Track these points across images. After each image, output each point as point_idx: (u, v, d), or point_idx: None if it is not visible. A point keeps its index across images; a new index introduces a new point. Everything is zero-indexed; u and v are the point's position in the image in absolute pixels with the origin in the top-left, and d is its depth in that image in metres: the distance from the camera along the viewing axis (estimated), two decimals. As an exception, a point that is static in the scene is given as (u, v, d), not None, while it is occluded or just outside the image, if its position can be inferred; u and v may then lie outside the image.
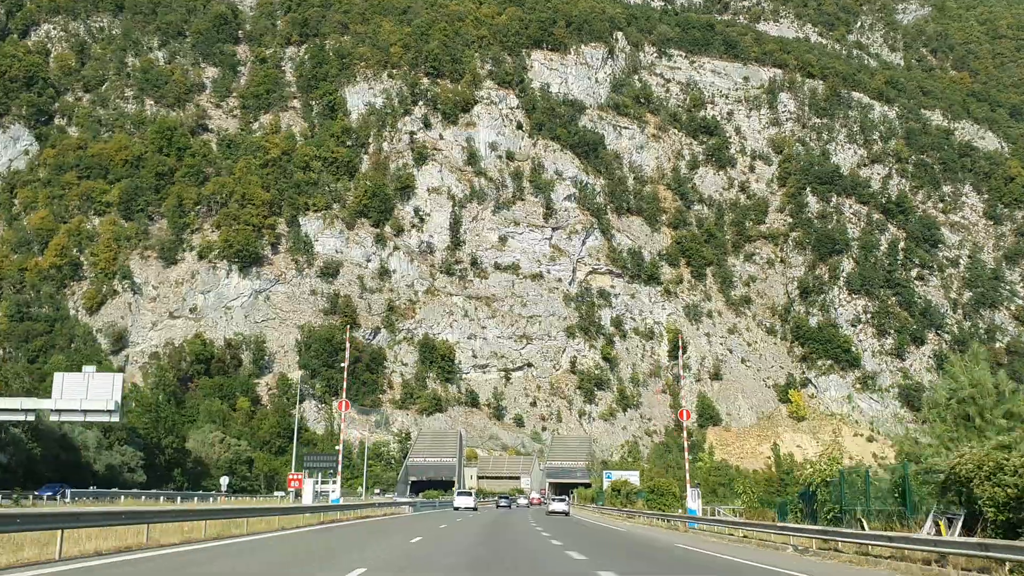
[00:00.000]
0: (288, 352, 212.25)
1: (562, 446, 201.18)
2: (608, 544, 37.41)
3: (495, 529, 48.43)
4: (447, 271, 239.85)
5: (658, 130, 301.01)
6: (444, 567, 24.32)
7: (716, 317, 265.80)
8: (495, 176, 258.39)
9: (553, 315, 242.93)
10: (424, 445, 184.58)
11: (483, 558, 27.84)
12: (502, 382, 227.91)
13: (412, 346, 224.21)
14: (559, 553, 30.41)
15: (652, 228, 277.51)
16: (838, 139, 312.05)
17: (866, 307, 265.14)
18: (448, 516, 66.37)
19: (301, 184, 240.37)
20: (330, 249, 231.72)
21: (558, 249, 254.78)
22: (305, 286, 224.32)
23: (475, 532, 44.51)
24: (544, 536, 41.39)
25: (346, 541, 35.14)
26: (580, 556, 29.00)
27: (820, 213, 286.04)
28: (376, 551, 30.37)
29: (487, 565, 25.52)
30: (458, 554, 29.08)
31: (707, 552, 34.88)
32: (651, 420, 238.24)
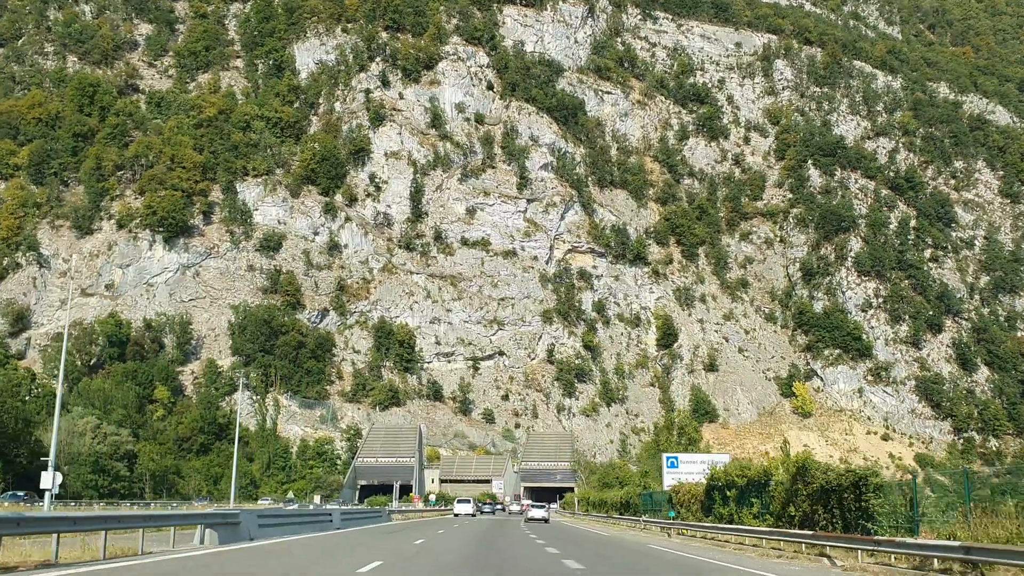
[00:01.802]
0: (219, 336, 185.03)
1: (539, 445, 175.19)
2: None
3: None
4: (407, 246, 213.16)
5: (644, 97, 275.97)
6: None
7: (710, 302, 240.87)
8: (462, 140, 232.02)
9: (528, 297, 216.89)
10: (376, 443, 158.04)
11: None
12: (469, 372, 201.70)
13: (366, 331, 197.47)
14: None
15: (638, 203, 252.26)
16: (840, 110, 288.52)
17: (877, 290, 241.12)
18: (388, 540, 40.03)
19: (239, 146, 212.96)
20: (271, 219, 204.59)
21: (533, 223, 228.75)
22: (241, 261, 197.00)
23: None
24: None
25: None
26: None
27: (823, 188, 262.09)
28: None
29: None
30: None
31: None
32: (638, 416, 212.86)
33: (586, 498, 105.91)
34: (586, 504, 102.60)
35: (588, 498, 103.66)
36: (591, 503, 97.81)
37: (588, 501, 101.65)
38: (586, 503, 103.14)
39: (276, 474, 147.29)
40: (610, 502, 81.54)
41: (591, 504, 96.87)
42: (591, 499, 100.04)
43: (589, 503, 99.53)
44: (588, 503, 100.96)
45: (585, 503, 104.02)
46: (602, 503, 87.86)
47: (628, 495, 74.68)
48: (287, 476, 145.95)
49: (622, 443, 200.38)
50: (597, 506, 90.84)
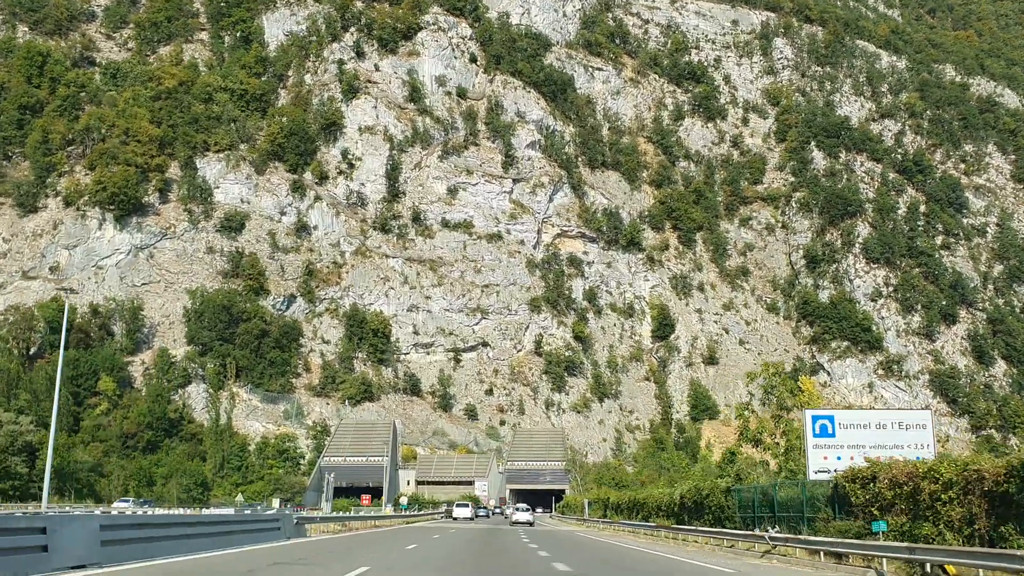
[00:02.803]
0: (174, 323, 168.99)
1: (527, 443, 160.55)
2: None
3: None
4: (382, 227, 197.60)
5: (636, 74, 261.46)
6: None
7: (708, 290, 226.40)
8: (443, 116, 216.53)
9: (514, 284, 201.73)
10: (345, 440, 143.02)
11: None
12: (450, 365, 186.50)
13: (336, 319, 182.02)
14: None
15: (631, 185, 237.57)
16: (843, 91, 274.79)
17: (887, 278, 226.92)
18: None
19: (200, 119, 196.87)
20: (234, 198, 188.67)
21: (520, 205, 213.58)
22: (200, 242, 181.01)
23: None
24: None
25: None
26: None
27: (828, 171, 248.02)
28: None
29: None
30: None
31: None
32: (633, 413, 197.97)
33: (603, 500, 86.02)
34: (602, 507, 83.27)
35: (607, 500, 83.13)
36: (614, 506, 77.03)
37: (607, 503, 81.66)
38: (602, 506, 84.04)
39: (231, 475, 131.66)
40: (656, 503, 59.29)
41: (614, 508, 76.23)
42: (613, 500, 79.58)
43: (610, 506, 79.27)
44: (607, 506, 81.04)
45: (600, 506, 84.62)
46: (637, 505, 66.31)
47: (699, 492, 49.53)
48: (243, 477, 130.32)
49: (617, 441, 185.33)
50: (628, 510, 69.41)
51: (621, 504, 73.41)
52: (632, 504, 68.91)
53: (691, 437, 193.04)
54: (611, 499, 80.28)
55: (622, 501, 74.07)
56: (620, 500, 75.40)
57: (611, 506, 78.07)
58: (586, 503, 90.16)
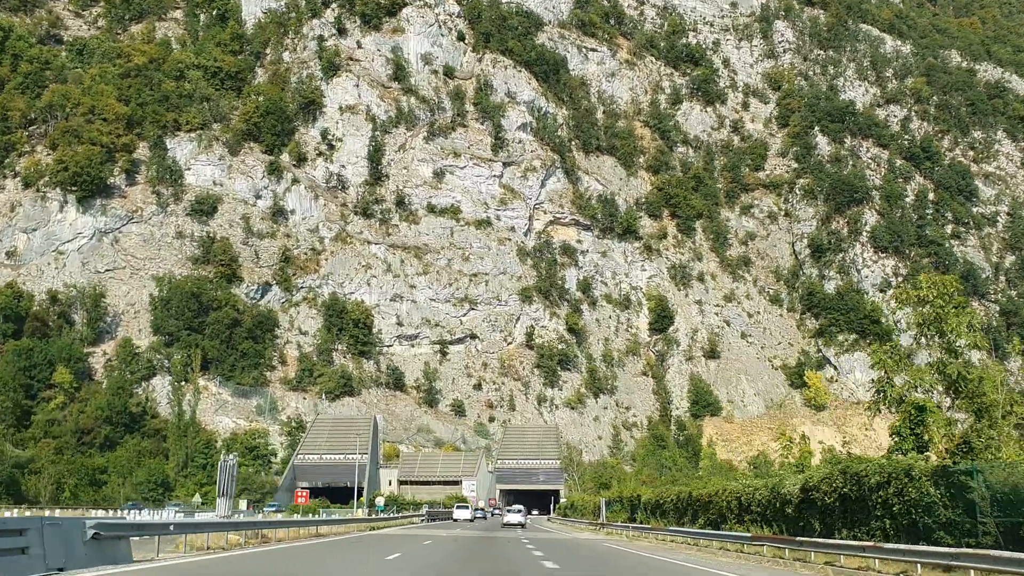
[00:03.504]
0: (140, 312, 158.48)
1: (518, 440, 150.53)
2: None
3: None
4: (364, 212, 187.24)
5: (632, 56, 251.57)
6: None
7: (709, 281, 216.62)
8: (429, 95, 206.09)
9: (504, 273, 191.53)
10: (321, 437, 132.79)
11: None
12: (436, 358, 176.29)
13: (315, 309, 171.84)
14: None
15: (627, 171, 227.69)
16: (846, 75, 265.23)
17: (896, 268, 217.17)
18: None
19: (171, 97, 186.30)
20: (206, 180, 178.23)
21: (510, 190, 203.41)
22: (169, 227, 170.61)
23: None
24: None
25: None
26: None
27: (833, 156, 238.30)
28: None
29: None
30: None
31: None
32: (630, 409, 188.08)
33: (627, 498, 69.34)
34: (626, 508, 68.16)
35: (635, 498, 66.30)
36: (649, 507, 60.28)
37: (635, 503, 65.31)
38: (626, 507, 68.67)
39: (195, 473, 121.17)
40: (737, 501, 41.04)
41: (649, 510, 59.70)
42: (647, 500, 62.14)
43: (641, 507, 62.38)
44: (634, 506, 65.24)
45: (624, 507, 69.16)
46: (693, 505, 49.19)
47: (854, 479, 29.23)
48: (208, 476, 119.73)
49: (614, 439, 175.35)
50: (675, 512, 53.19)
51: (663, 504, 56.27)
52: (684, 504, 51.43)
53: (692, 435, 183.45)
54: (643, 498, 63.05)
55: (665, 500, 56.36)
56: (662, 499, 57.49)
57: (644, 507, 61.19)
58: (603, 504, 74.54)
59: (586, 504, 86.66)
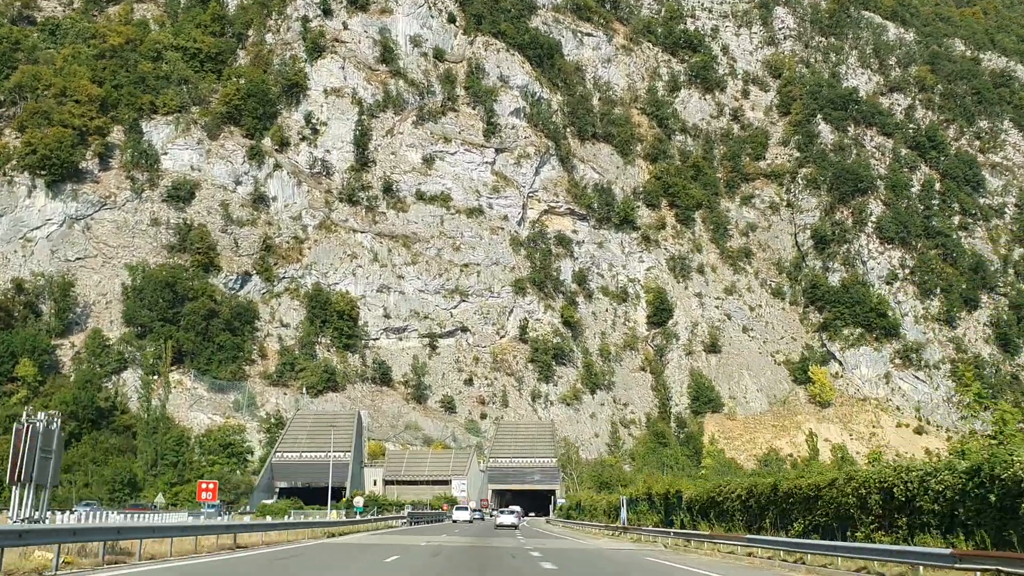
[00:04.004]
0: (112, 303, 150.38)
1: (512, 437, 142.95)
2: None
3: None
4: (349, 199, 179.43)
5: (629, 42, 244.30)
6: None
7: (709, 273, 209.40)
8: (418, 78, 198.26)
9: (496, 264, 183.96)
10: (301, 433, 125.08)
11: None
12: (425, 352, 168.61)
13: (297, 300, 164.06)
14: None
15: (624, 159, 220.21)
16: (848, 62, 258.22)
17: (903, 260, 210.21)
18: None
19: (148, 78, 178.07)
20: (183, 165, 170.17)
21: (503, 177, 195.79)
22: (144, 213, 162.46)
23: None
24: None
25: None
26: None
27: (836, 145, 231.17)
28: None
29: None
30: None
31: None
32: (628, 406, 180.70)
33: (659, 496, 54.10)
34: (658, 510, 53.89)
35: (673, 495, 50.79)
36: (697, 507, 45.73)
37: (672, 503, 50.68)
38: (658, 507, 54.04)
39: (165, 472, 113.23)
40: (847, 498, 29.44)
41: (698, 511, 45.57)
42: (691, 497, 47.31)
43: (685, 507, 47.57)
44: (668, 506, 51.53)
45: (655, 508, 54.57)
46: (773, 502, 36.00)
47: None
48: (179, 475, 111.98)
49: (612, 436, 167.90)
50: (744, 513, 39.40)
51: (722, 502, 41.88)
52: (761, 501, 37.19)
53: (693, 432, 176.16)
54: (685, 495, 48.53)
55: (724, 496, 41.73)
56: (720, 495, 42.44)
57: (688, 507, 47.20)
58: (623, 503, 60.82)
59: (596, 504, 76.06)
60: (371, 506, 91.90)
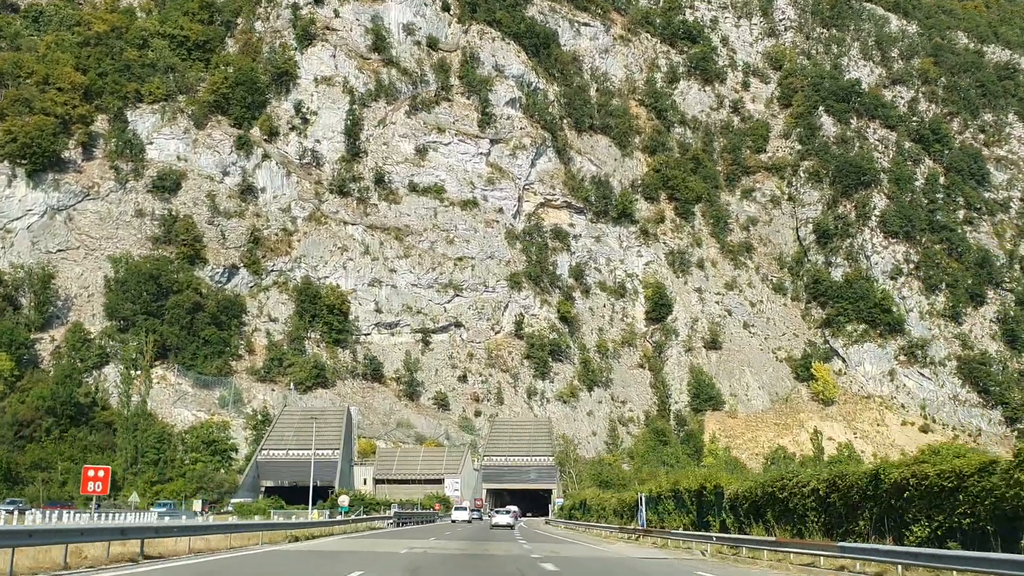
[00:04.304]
0: (94, 295, 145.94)
1: (507, 435, 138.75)
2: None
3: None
4: (340, 190, 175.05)
5: (627, 32, 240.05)
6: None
7: (709, 268, 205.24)
8: (411, 67, 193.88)
9: (492, 257, 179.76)
10: (288, 430, 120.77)
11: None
12: (418, 347, 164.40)
13: (286, 294, 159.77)
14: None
15: (623, 151, 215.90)
16: (850, 54, 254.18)
17: (907, 254, 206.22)
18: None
19: (133, 66, 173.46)
20: (169, 155, 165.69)
21: (498, 169, 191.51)
22: (128, 204, 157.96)
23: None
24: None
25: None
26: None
27: (839, 138, 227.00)
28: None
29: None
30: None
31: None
32: (626, 403, 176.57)
33: (702, 492, 44.15)
34: (689, 507, 45.38)
35: (715, 493, 42.39)
36: (743, 505, 38.46)
37: (710, 500, 42.78)
38: (688, 505, 45.59)
39: (145, 470, 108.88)
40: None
41: (741, 511, 38.63)
42: (745, 492, 38.92)
43: (723, 504, 40.64)
44: (699, 502, 44.06)
45: (688, 505, 45.57)
46: (873, 499, 28.38)
47: None
48: (160, 473, 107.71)
49: (611, 434, 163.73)
50: (821, 515, 31.91)
51: (787, 499, 34.10)
52: (851, 498, 29.68)
53: (693, 431, 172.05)
54: (729, 491, 40.58)
55: (793, 490, 33.74)
56: (791, 488, 33.98)
57: (732, 507, 39.50)
58: (642, 500, 52.48)
59: (604, 503, 68.79)
60: (357, 505, 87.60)
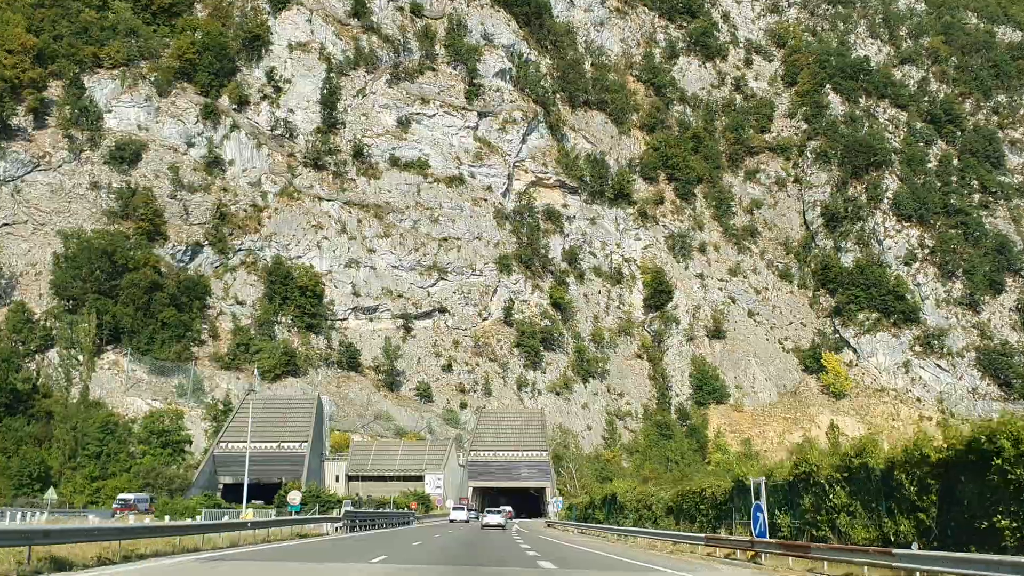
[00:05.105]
0: (42, 274, 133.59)
1: (496, 428, 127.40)
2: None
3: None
4: (315, 164, 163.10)
5: (623, 4, 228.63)
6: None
7: (711, 252, 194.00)
8: (393, 34, 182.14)
9: (479, 239, 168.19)
10: (250, 420, 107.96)
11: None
12: (399, 334, 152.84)
13: (254, 274, 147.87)
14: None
15: (619, 129, 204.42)
16: (857, 31, 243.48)
17: (922, 239, 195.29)
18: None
19: (91, 28, 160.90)
20: (129, 124, 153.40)
21: (486, 144, 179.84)
22: (82, 176, 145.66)
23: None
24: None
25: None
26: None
27: (847, 116, 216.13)
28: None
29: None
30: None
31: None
32: (623, 396, 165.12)
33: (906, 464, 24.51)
34: (903, 508, 24.38)
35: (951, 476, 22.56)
36: None
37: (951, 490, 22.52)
38: (943, 493, 22.74)
39: (86, 464, 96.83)
40: None
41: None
42: None
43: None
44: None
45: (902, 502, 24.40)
46: None
47: None
48: (103, 468, 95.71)
49: (609, 429, 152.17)
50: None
51: None
52: None
53: (695, 425, 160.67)
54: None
55: None
56: None
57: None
58: (760, 488, 32.10)
59: (650, 498, 47.19)
60: (312, 503, 75.64)
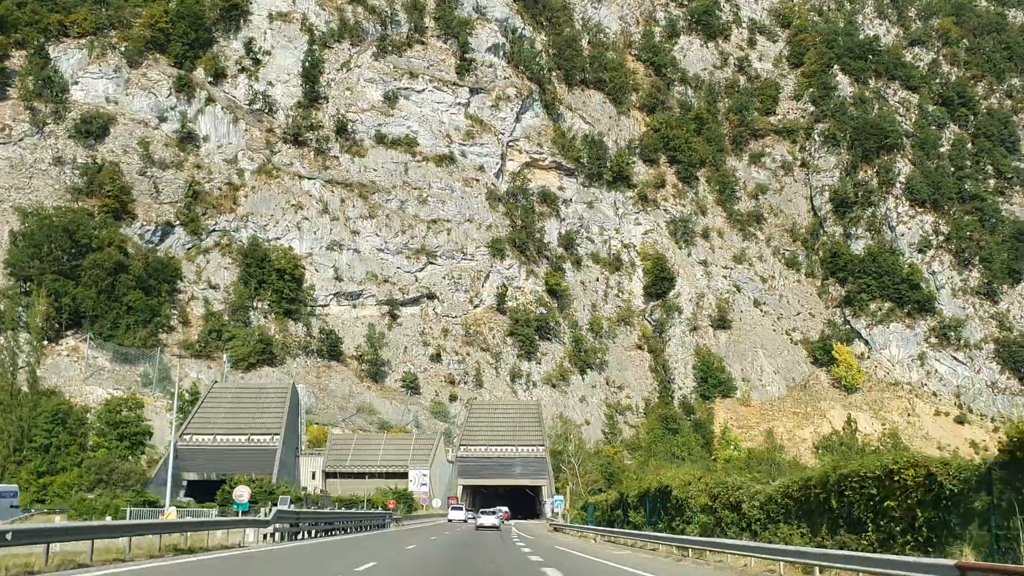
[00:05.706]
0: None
1: (488, 421, 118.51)
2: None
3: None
4: (295, 140, 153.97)
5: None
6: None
7: (715, 238, 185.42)
8: (380, 5, 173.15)
9: (470, 221, 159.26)
10: (218, 411, 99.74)
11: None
12: (384, 321, 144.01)
13: (229, 256, 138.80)
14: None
15: (618, 109, 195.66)
16: (865, 12, 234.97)
17: (936, 225, 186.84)
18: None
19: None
20: (97, 96, 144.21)
21: (478, 122, 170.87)
22: (45, 150, 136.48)
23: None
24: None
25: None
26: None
27: (857, 98, 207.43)
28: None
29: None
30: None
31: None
32: (623, 389, 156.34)
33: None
34: None
35: None
36: None
37: None
38: None
39: (32, 457, 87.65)
40: None
41: None
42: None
43: None
44: None
45: None
46: None
47: None
48: (51, 462, 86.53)
49: (609, 423, 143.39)
50: None
51: None
52: None
53: (701, 419, 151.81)
54: None
55: None
56: None
57: None
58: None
59: (726, 494, 31.80)
60: (263, 501, 66.34)
